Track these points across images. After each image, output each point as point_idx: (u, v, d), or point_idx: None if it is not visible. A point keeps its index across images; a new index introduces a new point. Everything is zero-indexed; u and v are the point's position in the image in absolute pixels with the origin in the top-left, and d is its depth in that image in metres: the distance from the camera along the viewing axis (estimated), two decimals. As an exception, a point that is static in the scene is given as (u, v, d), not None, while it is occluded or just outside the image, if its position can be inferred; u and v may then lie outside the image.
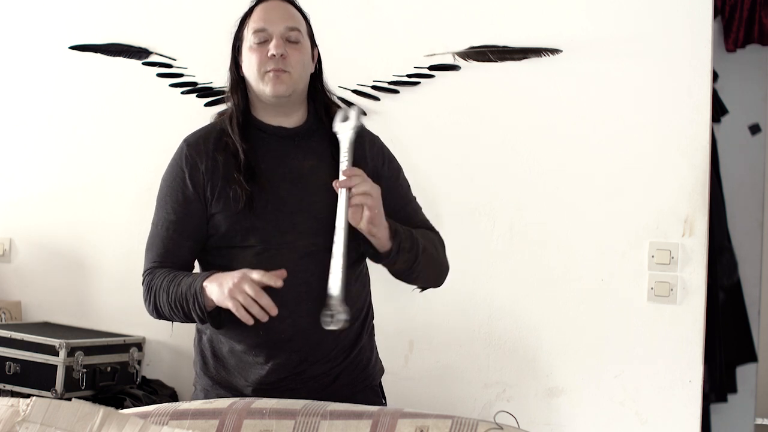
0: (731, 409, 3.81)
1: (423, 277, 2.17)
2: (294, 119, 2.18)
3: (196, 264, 2.20)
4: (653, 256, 2.95)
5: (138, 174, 3.39)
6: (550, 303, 3.05)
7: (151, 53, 3.43)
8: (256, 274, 1.94)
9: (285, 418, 1.85)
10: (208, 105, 3.33)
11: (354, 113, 2.06)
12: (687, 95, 2.93)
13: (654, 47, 2.97)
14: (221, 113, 2.27)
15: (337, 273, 1.96)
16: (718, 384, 3.62)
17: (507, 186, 3.10)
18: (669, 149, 2.95)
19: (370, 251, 2.08)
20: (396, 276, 2.15)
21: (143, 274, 2.15)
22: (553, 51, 3.04)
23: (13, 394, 3.03)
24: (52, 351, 3.04)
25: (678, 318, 2.93)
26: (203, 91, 3.35)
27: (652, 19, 2.98)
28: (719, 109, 3.78)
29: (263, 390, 2.09)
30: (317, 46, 2.23)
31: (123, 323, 3.38)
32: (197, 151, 2.14)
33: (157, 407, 1.96)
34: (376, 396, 2.23)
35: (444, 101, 3.16)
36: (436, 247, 2.18)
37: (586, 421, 3.00)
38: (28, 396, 2.24)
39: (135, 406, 2.75)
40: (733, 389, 3.79)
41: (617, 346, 2.98)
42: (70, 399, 1.85)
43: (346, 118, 2.07)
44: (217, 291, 1.97)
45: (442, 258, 2.21)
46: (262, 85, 2.12)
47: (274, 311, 1.93)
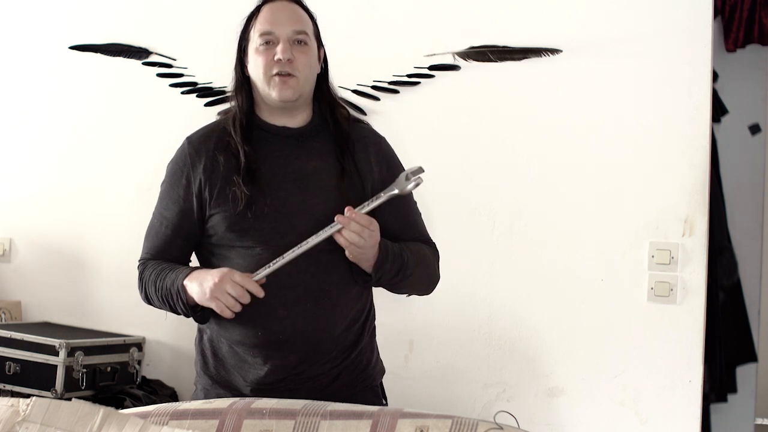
0: (731, 409, 3.80)
1: (406, 291, 2.22)
2: (299, 119, 2.17)
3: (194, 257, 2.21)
4: (653, 256, 2.95)
5: (138, 174, 3.39)
6: (550, 303, 3.05)
7: (151, 53, 3.42)
8: (238, 276, 1.97)
9: (285, 418, 1.85)
10: (208, 105, 3.33)
11: (416, 175, 2.05)
12: (687, 95, 2.93)
13: (654, 47, 2.97)
14: (226, 111, 2.27)
15: (272, 266, 2.00)
16: (718, 384, 3.62)
17: (507, 186, 3.10)
18: (669, 149, 2.95)
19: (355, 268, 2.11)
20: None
21: (138, 262, 2.19)
22: (553, 51, 3.04)
23: (13, 394, 3.03)
24: (52, 351, 3.04)
25: (678, 318, 2.92)
26: (203, 91, 3.35)
27: (652, 19, 2.98)
28: (719, 109, 3.78)
29: (262, 390, 2.09)
30: (323, 46, 2.22)
31: (123, 323, 3.38)
32: (198, 150, 2.14)
33: (157, 407, 1.96)
34: (375, 396, 2.23)
35: (444, 101, 3.16)
36: (426, 264, 2.19)
37: (586, 421, 3.00)
38: (28, 396, 2.25)
39: (135, 406, 2.75)
40: (733, 389, 3.78)
41: (617, 346, 2.98)
42: (70, 399, 1.85)
43: (408, 177, 2.06)
44: (198, 290, 2.00)
45: (432, 272, 2.22)
46: (268, 89, 2.11)
47: (260, 294, 1.98)
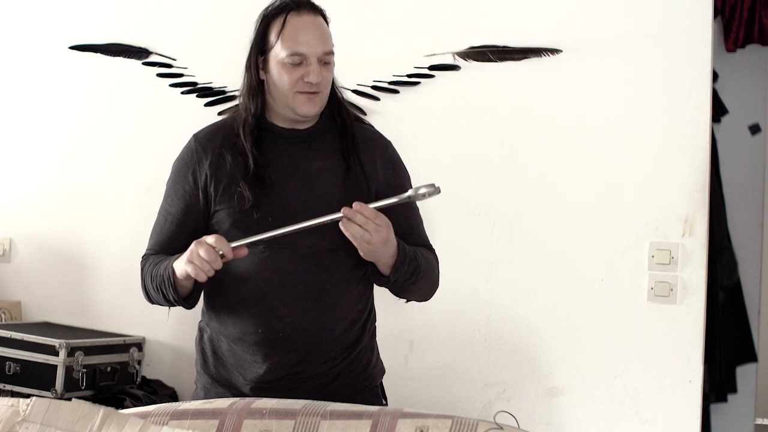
0: (731, 409, 3.81)
1: (410, 296, 2.21)
2: (308, 122, 2.17)
3: None
4: (653, 256, 2.95)
5: (138, 174, 3.39)
6: (550, 303, 3.05)
7: (151, 53, 3.42)
8: (211, 239, 1.97)
9: (285, 418, 1.85)
10: (208, 105, 3.32)
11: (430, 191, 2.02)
12: (687, 95, 2.93)
13: (654, 47, 2.97)
14: (235, 109, 2.27)
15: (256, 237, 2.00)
16: (718, 384, 3.62)
17: (507, 186, 3.10)
18: (669, 149, 2.95)
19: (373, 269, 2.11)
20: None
21: (141, 257, 2.20)
22: (553, 51, 3.04)
23: (13, 394, 3.03)
24: (52, 351, 3.04)
25: (678, 318, 2.92)
26: (203, 91, 3.35)
27: (652, 19, 2.98)
28: (719, 109, 3.78)
29: (261, 389, 2.09)
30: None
31: (123, 323, 3.38)
32: (204, 147, 2.15)
33: (157, 407, 1.96)
34: (375, 396, 2.23)
35: (444, 101, 3.16)
36: (432, 269, 2.19)
37: (586, 421, 3.00)
38: (28, 396, 2.24)
39: (135, 406, 2.75)
40: (733, 389, 3.78)
41: (617, 346, 2.98)
42: (70, 399, 1.85)
43: (421, 189, 2.01)
44: (179, 263, 2.01)
45: (435, 278, 2.22)
46: (291, 102, 2.10)
47: (229, 254, 1.96)
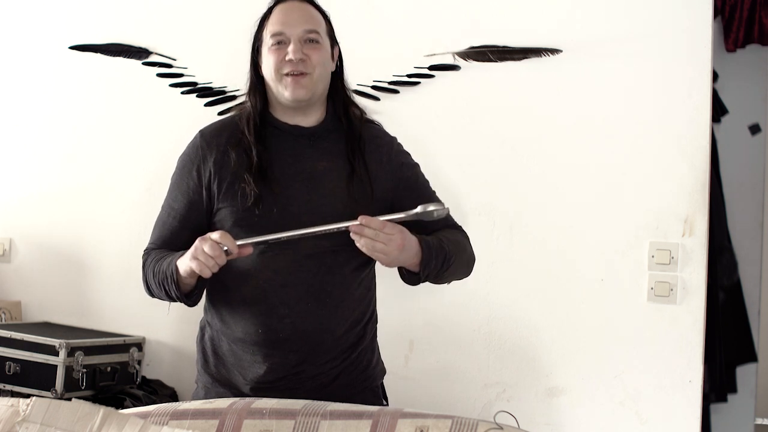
0: (731, 409, 3.80)
1: (448, 280, 2.20)
2: (312, 118, 2.17)
3: None
4: (653, 256, 2.95)
5: (138, 174, 3.39)
6: (550, 303, 3.05)
7: (151, 53, 3.42)
8: (216, 234, 1.96)
9: (285, 418, 1.85)
10: (208, 105, 3.33)
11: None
12: (687, 95, 2.93)
13: (654, 47, 2.97)
14: (242, 105, 2.27)
15: (263, 238, 2.01)
16: (718, 384, 3.61)
17: (507, 186, 3.10)
18: (669, 149, 2.95)
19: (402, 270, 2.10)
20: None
21: (143, 251, 2.20)
22: (553, 51, 3.04)
23: (13, 394, 3.03)
24: (52, 351, 3.04)
25: (678, 318, 2.92)
26: (203, 91, 3.35)
27: (652, 19, 2.98)
28: (719, 109, 3.78)
29: (261, 389, 2.09)
30: (338, 44, 2.23)
31: (123, 323, 3.38)
32: (209, 144, 2.15)
33: (157, 407, 1.96)
34: (375, 397, 2.23)
35: (444, 101, 3.16)
36: (463, 249, 2.18)
37: (586, 421, 3.00)
38: (28, 396, 2.24)
39: (135, 406, 2.75)
40: (733, 389, 3.78)
41: (617, 346, 2.98)
42: (70, 399, 1.85)
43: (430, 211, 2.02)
44: (183, 260, 2.01)
45: (468, 255, 2.21)
46: (280, 88, 2.11)
47: (234, 249, 1.96)
